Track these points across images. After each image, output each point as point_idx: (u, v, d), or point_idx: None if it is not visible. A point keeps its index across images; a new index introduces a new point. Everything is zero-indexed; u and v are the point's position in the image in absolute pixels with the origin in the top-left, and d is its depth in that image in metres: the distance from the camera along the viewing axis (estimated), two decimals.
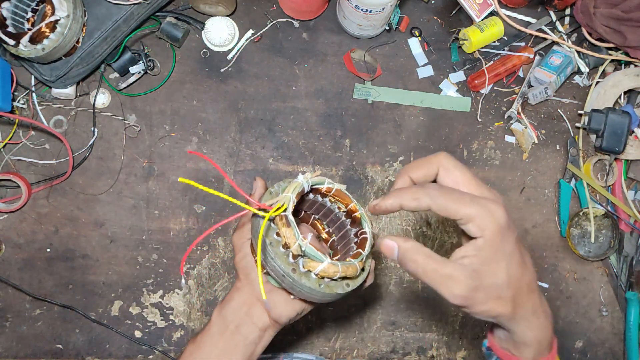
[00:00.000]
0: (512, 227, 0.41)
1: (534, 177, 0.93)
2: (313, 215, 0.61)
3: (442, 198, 0.40)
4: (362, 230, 0.55)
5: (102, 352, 0.85)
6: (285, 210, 0.49)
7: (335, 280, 0.51)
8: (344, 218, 0.58)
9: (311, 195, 0.57)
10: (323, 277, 0.50)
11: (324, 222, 0.61)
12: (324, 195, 0.57)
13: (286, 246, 0.49)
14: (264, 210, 0.49)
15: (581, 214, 0.91)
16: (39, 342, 0.84)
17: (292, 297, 0.54)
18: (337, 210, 0.58)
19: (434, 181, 0.44)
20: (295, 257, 0.49)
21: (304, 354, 0.84)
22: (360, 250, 0.53)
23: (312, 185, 0.54)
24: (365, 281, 0.56)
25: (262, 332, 0.54)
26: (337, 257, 0.58)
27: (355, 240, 0.55)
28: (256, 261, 0.48)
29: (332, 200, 0.57)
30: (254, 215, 0.51)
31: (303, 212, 0.61)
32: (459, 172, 0.42)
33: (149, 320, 0.86)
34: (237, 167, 0.88)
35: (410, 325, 0.90)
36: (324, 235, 0.61)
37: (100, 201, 0.85)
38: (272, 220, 0.50)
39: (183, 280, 0.86)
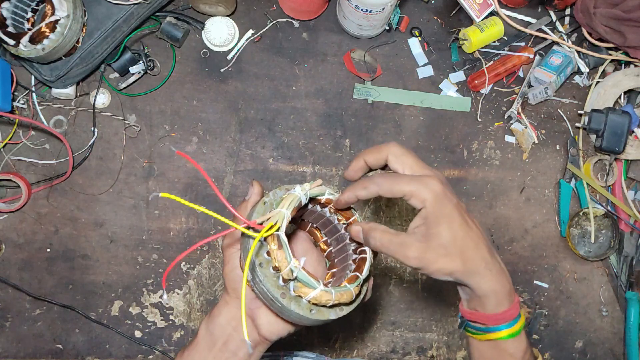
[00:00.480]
0: (449, 195, 0.47)
1: (534, 177, 0.93)
2: (311, 223, 0.58)
3: (386, 183, 0.47)
4: (361, 249, 0.51)
5: (102, 352, 0.85)
6: (278, 229, 0.45)
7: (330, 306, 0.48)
8: (343, 230, 0.54)
9: (309, 206, 0.54)
10: (316, 304, 0.47)
11: (323, 232, 0.57)
12: (323, 206, 0.54)
13: (277, 268, 0.45)
14: (254, 230, 0.45)
15: (581, 214, 0.91)
16: (39, 342, 0.84)
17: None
18: (336, 222, 0.54)
19: (385, 167, 0.51)
20: (285, 280, 0.46)
21: (304, 352, 0.84)
22: (357, 274, 0.49)
23: (311, 197, 0.51)
24: (364, 298, 0.53)
25: (252, 349, 0.52)
26: (333, 270, 0.54)
27: (354, 257, 0.52)
28: (244, 299, 0.43)
29: (333, 211, 0.54)
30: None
31: (300, 219, 0.58)
32: (405, 157, 0.49)
33: (149, 320, 0.86)
34: (237, 167, 0.88)
35: (410, 325, 0.90)
36: (322, 245, 0.58)
37: (100, 201, 0.85)
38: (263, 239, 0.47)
39: (165, 296, 0.85)
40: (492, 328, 0.50)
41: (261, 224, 0.46)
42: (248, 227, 0.46)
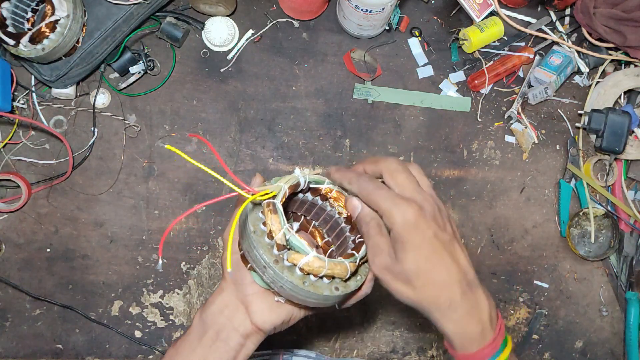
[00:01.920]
0: (424, 225, 0.46)
1: (534, 177, 0.93)
2: (313, 222, 0.58)
3: (367, 190, 0.48)
4: (360, 236, 0.52)
5: (102, 352, 0.85)
6: (274, 198, 0.47)
7: (322, 279, 0.48)
8: (343, 224, 0.55)
9: (310, 197, 0.55)
10: (308, 274, 0.46)
11: (324, 230, 0.58)
12: (323, 199, 0.54)
13: (271, 236, 0.46)
14: (252, 194, 0.46)
15: (581, 214, 0.91)
16: (39, 342, 0.84)
17: (276, 298, 0.50)
18: (337, 216, 0.55)
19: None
20: (280, 248, 0.46)
21: (304, 351, 0.84)
22: (354, 252, 0.50)
23: (310, 184, 0.52)
24: (360, 288, 0.53)
25: (244, 340, 0.51)
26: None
27: (353, 246, 0.53)
28: (230, 245, 0.46)
29: (332, 204, 0.54)
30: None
31: (302, 217, 0.58)
32: (399, 175, 0.48)
33: (149, 320, 0.86)
34: (237, 167, 0.88)
35: (410, 325, 0.90)
36: (323, 246, 0.58)
37: (100, 201, 0.85)
38: (260, 209, 0.48)
39: (160, 262, 0.84)
40: None
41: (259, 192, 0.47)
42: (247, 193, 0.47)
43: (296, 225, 0.46)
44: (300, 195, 0.55)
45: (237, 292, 0.51)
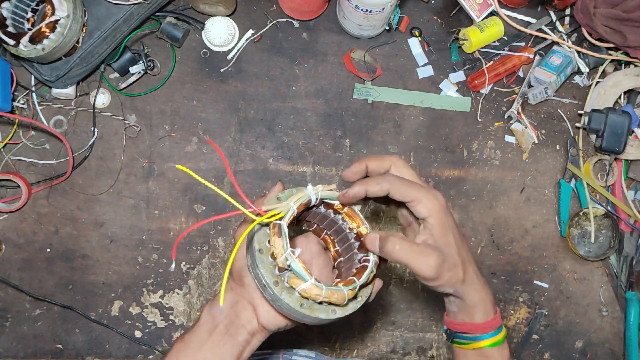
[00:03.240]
0: (449, 208, 0.52)
1: (534, 177, 0.93)
2: (325, 230, 0.58)
3: (399, 183, 0.50)
4: (365, 258, 0.52)
5: (102, 352, 0.85)
6: (281, 219, 0.47)
7: (320, 303, 0.48)
8: (352, 240, 0.55)
9: (322, 209, 0.55)
10: (307, 298, 0.47)
11: (335, 240, 0.58)
12: (336, 212, 0.55)
13: (274, 256, 0.47)
14: (259, 215, 0.47)
15: (581, 214, 0.91)
16: (39, 342, 0.84)
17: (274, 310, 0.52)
18: (347, 230, 0.55)
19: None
20: (281, 270, 0.47)
21: (304, 350, 0.84)
22: (355, 279, 0.50)
23: (323, 200, 0.52)
24: (367, 300, 0.54)
25: (250, 337, 0.53)
26: (338, 280, 0.54)
27: (358, 266, 0.53)
28: (228, 269, 0.46)
29: (344, 218, 0.55)
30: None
31: (315, 225, 0.59)
32: (407, 170, 0.53)
33: (149, 320, 0.86)
34: (237, 167, 0.88)
35: (410, 325, 0.90)
36: (333, 254, 0.58)
37: (100, 201, 0.85)
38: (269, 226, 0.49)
39: (173, 266, 0.85)
40: (479, 337, 0.54)
41: (266, 211, 0.48)
42: (253, 213, 0.48)
43: (298, 251, 0.48)
44: (314, 207, 0.55)
45: (245, 293, 0.53)
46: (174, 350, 0.53)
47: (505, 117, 0.92)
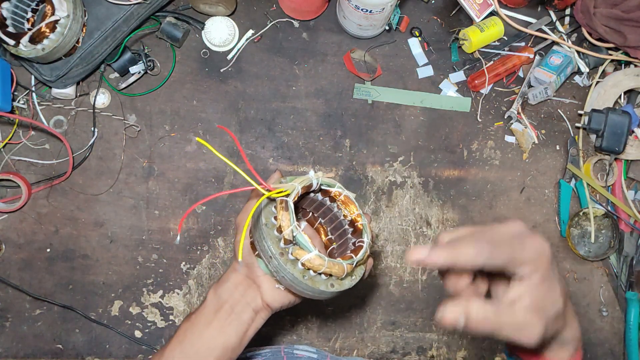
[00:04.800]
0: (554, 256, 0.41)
1: (534, 177, 0.93)
2: (319, 220, 0.62)
3: (496, 251, 0.38)
4: (360, 240, 0.55)
5: (102, 352, 0.85)
6: (287, 196, 0.50)
7: (320, 275, 0.51)
8: (347, 226, 0.58)
9: (319, 197, 0.58)
10: (309, 269, 0.50)
11: (328, 228, 0.61)
12: (332, 200, 0.58)
13: (280, 230, 0.50)
14: (268, 190, 0.50)
15: (581, 214, 0.91)
16: (39, 342, 0.84)
17: (276, 285, 0.54)
18: (342, 218, 0.58)
19: None
20: (287, 242, 0.50)
21: (304, 346, 0.84)
22: (352, 255, 0.53)
23: (322, 186, 0.55)
24: (362, 277, 0.56)
25: (255, 314, 0.55)
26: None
27: (352, 248, 0.56)
28: (245, 233, 0.50)
29: (339, 206, 0.58)
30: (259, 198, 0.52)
31: (310, 213, 0.62)
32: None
33: (149, 320, 0.86)
34: (237, 167, 0.88)
35: (410, 325, 0.90)
36: (325, 241, 0.62)
37: (100, 201, 0.85)
38: (274, 204, 0.52)
39: (178, 237, 0.86)
40: None
41: (274, 189, 0.51)
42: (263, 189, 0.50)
43: (303, 224, 0.52)
44: (312, 194, 0.58)
45: (249, 272, 0.55)
46: (180, 329, 0.54)
47: (505, 117, 0.92)
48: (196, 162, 0.87)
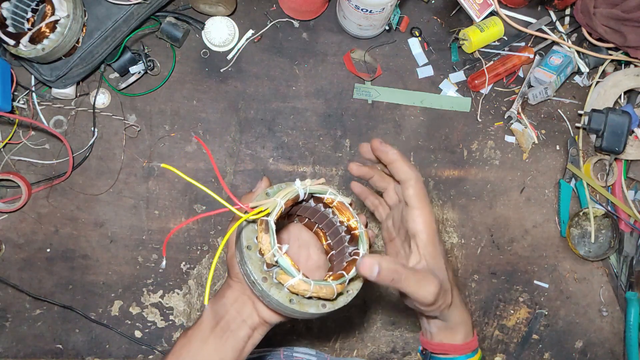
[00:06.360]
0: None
1: (534, 177, 0.93)
2: (317, 224, 0.58)
3: (405, 160, 0.52)
4: (355, 251, 0.51)
5: (102, 352, 0.85)
6: (268, 215, 0.46)
7: (309, 298, 0.48)
8: (343, 233, 0.55)
9: (312, 203, 0.55)
10: (296, 293, 0.47)
11: (327, 233, 0.58)
12: (326, 206, 0.54)
13: (262, 252, 0.47)
14: (246, 212, 0.46)
15: (581, 214, 0.91)
16: (39, 342, 0.84)
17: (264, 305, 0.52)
18: (338, 224, 0.55)
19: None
20: (269, 266, 0.47)
21: (304, 348, 0.84)
22: (344, 272, 0.49)
23: (313, 194, 0.52)
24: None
25: (252, 331, 0.54)
26: (330, 274, 0.53)
27: (348, 259, 0.52)
28: (214, 265, 0.46)
29: (335, 212, 0.54)
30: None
31: (307, 219, 0.59)
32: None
33: (149, 320, 0.86)
34: (237, 167, 0.88)
35: (410, 325, 0.90)
36: (325, 247, 0.59)
37: (100, 201, 0.85)
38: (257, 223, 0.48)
39: (164, 262, 0.85)
40: (458, 358, 0.54)
41: (252, 208, 0.46)
42: (239, 210, 0.46)
43: (285, 247, 0.47)
44: (304, 202, 0.55)
45: (245, 288, 0.54)
46: (177, 346, 0.54)
47: (505, 117, 0.92)
48: (196, 162, 0.87)
